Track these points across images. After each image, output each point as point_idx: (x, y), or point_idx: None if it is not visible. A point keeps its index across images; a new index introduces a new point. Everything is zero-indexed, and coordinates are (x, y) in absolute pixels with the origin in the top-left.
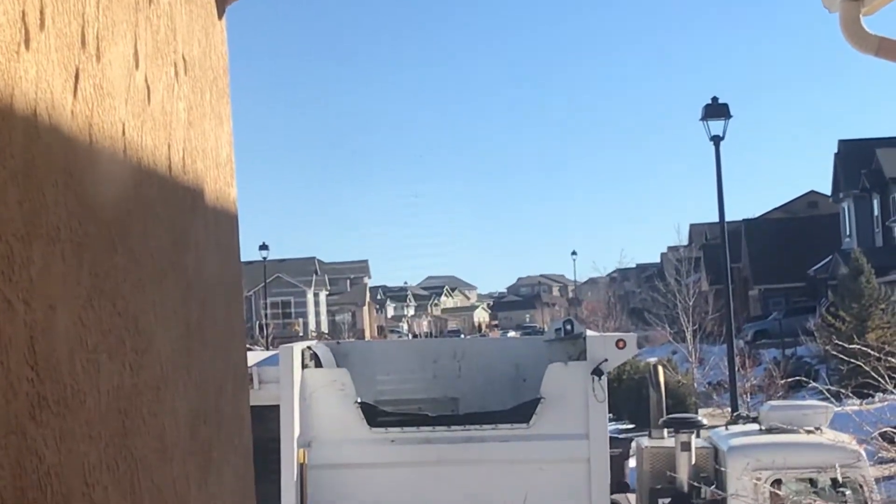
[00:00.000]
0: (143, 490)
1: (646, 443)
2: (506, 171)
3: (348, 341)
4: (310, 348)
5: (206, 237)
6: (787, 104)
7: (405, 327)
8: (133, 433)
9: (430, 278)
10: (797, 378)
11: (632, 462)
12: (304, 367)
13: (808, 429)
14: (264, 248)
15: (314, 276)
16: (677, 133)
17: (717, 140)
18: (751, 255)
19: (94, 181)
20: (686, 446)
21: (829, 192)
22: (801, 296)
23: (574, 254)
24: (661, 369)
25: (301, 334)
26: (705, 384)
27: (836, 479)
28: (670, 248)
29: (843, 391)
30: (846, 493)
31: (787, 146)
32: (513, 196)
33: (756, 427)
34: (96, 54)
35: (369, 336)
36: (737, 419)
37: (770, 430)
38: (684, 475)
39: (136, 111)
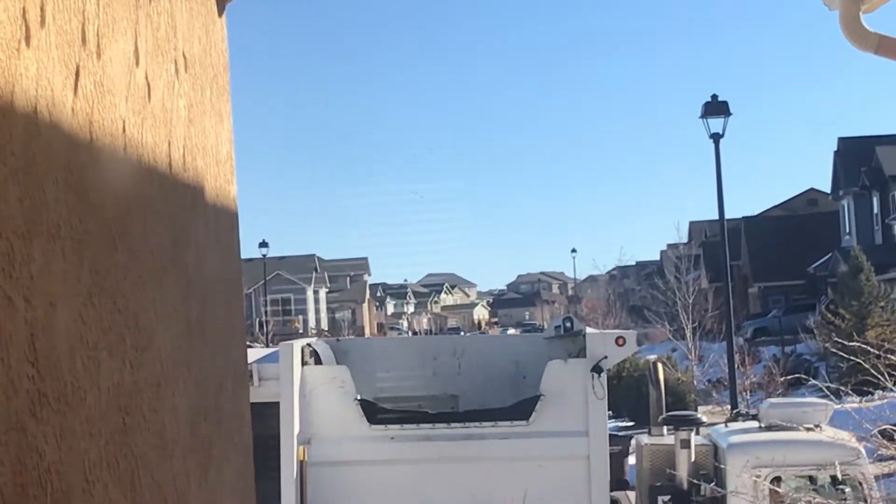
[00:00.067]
0: (143, 487)
1: (645, 440)
2: (506, 168)
3: (348, 338)
4: (310, 345)
5: (206, 234)
6: (786, 102)
7: (405, 325)
8: (133, 430)
9: (430, 275)
10: (797, 375)
11: (631, 459)
12: (304, 364)
13: (808, 426)
14: (264, 245)
15: (314, 273)
16: (677, 131)
17: (716, 138)
18: (750, 252)
19: (95, 178)
20: (686, 444)
21: (828, 189)
22: (801, 293)
23: (574, 251)
24: (660, 367)
25: (301, 331)
26: (705, 381)
27: (835, 477)
28: (670, 246)
29: (842, 388)
30: (846, 491)
31: (787, 144)
32: (513, 194)
33: (756, 424)
34: (97, 51)
35: (369, 333)
36: (736, 416)
37: (770, 428)
38: (684, 472)
39: (137, 108)
